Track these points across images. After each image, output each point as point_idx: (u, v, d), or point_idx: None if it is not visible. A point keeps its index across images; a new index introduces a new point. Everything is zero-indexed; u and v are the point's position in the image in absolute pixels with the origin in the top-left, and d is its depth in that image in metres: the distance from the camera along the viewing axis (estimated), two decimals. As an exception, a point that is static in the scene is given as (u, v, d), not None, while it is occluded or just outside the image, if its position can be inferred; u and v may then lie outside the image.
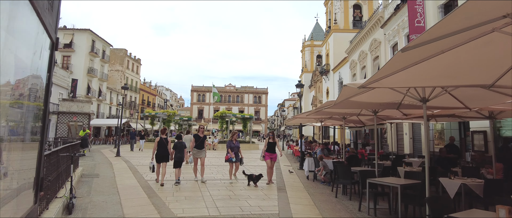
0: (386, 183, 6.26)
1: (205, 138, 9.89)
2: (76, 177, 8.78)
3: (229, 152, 9.70)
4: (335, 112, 8.99)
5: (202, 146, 9.75)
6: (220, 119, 31.42)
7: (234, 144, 9.84)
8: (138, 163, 14.37)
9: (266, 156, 9.77)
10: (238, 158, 9.87)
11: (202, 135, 9.85)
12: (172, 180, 9.47)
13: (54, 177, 5.70)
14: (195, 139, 9.73)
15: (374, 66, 21.74)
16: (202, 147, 9.76)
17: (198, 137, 9.75)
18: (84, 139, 18.42)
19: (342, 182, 8.40)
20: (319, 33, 57.61)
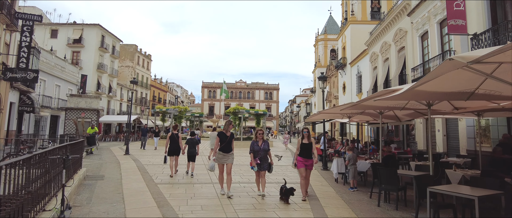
0: (457, 193, 4.93)
1: (233, 137, 7.54)
2: (77, 181, 7.69)
3: (252, 158, 7.09)
4: (377, 106, 7.67)
5: (229, 148, 7.33)
6: (232, 115, 30.23)
7: (260, 147, 7.08)
8: (148, 163, 13.30)
9: (299, 162, 7.22)
10: (265, 165, 7.11)
11: (229, 133, 7.46)
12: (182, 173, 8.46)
13: (41, 184, 4.57)
14: (220, 138, 7.33)
15: (399, 58, 20.21)
16: (229, 149, 7.34)
17: (224, 136, 7.36)
18: (92, 136, 17.46)
19: (385, 189, 7.09)
20: (333, 27, 55.89)
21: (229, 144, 7.37)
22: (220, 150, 7.32)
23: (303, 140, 7.40)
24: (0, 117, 19.02)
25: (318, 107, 52.33)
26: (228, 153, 7.31)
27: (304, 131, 7.55)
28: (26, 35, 18.23)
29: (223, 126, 7.68)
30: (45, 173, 4.67)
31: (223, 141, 7.32)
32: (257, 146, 7.13)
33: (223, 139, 7.34)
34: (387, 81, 21.99)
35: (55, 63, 27.68)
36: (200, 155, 16.51)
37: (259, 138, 7.21)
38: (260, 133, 7.23)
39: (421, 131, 16.97)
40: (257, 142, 7.19)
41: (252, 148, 7.17)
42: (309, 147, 7.30)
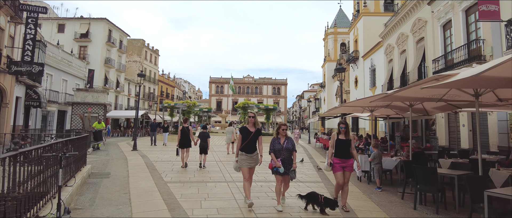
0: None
1: (259, 133, 5.97)
2: (80, 179, 7.06)
3: (274, 158, 5.66)
4: (410, 97, 6.86)
5: (253, 147, 5.87)
6: (241, 110, 29.53)
7: (283, 145, 5.71)
8: (157, 159, 12.67)
9: (336, 165, 5.87)
10: (289, 168, 5.70)
11: (254, 129, 5.95)
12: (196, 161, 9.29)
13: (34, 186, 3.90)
14: (242, 136, 5.89)
15: (417, 49, 19.24)
16: (253, 149, 5.87)
17: (247, 131, 5.90)
18: (99, 132, 16.91)
19: (422, 189, 6.31)
20: (343, 20, 54.72)
21: (252, 142, 5.83)
22: (242, 149, 5.83)
23: (339, 135, 6.05)
24: (5, 112, 18.60)
25: (328, 102, 51.36)
26: (252, 154, 5.83)
27: (341, 126, 6.11)
28: (30, 28, 17.70)
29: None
30: (39, 173, 4.02)
31: (246, 139, 5.81)
32: (278, 144, 5.72)
33: (246, 135, 5.83)
34: (404, 74, 21.04)
35: (62, 57, 27.23)
36: (210, 150, 15.89)
37: (281, 135, 5.80)
38: (283, 129, 5.79)
39: (443, 126, 16.07)
40: (278, 140, 5.77)
41: (273, 147, 5.74)
42: (347, 144, 5.93)
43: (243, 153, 5.82)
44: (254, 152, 5.89)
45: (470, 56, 13.26)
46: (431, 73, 16.70)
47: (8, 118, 18.87)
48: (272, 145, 5.81)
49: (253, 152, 5.88)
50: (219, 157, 13.71)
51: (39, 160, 3.99)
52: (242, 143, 5.86)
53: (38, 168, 3.98)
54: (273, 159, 5.68)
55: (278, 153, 5.69)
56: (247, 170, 5.81)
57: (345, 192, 5.99)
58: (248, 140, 5.80)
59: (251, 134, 5.86)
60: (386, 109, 11.18)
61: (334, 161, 5.94)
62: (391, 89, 22.74)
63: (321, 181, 8.90)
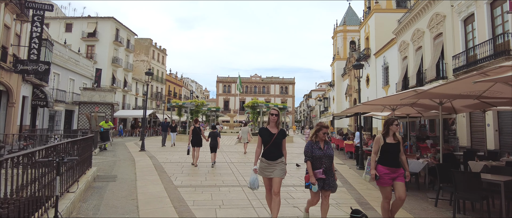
0: None
1: (284, 135, 4.77)
2: (84, 184, 6.53)
3: (310, 171, 4.50)
4: (445, 94, 6.19)
5: (278, 153, 4.66)
6: (250, 109, 28.94)
7: (324, 151, 4.56)
8: (165, 160, 12.14)
9: (384, 176, 4.67)
10: (332, 180, 4.58)
11: (276, 130, 4.71)
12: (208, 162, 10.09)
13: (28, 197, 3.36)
14: (262, 139, 4.70)
15: (435, 45, 18.44)
16: (277, 155, 4.65)
17: (268, 133, 4.67)
18: (106, 132, 16.47)
19: (462, 197, 5.65)
20: (352, 17, 53.82)
21: (276, 147, 4.62)
22: (263, 155, 4.69)
23: (386, 137, 4.80)
24: (12, 112, 18.29)
25: (338, 101, 50.54)
26: (275, 161, 4.59)
27: (394, 123, 4.76)
28: (37, 25, 17.33)
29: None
30: (34, 181, 3.49)
31: (267, 142, 4.63)
32: (318, 150, 4.53)
33: (267, 138, 4.63)
34: (420, 72, 20.25)
35: (69, 57, 26.95)
36: (221, 152, 15.35)
37: (320, 139, 4.61)
38: (324, 131, 4.60)
39: (464, 125, 15.28)
40: (317, 144, 4.59)
41: (311, 153, 4.53)
42: (397, 149, 4.73)
43: (264, 160, 4.66)
44: (278, 159, 4.62)
45: (496, 51, 12.49)
46: (451, 70, 15.92)
47: (14, 117, 18.57)
48: (309, 151, 4.56)
49: (277, 159, 4.61)
50: (230, 158, 13.15)
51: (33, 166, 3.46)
52: (264, 148, 4.72)
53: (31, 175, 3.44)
54: (310, 171, 4.50)
55: (318, 162, 4.52)
56: (267, 181, 4.70)
57: (396, 206, 4.73)
58: (270, 144, 4.62)
59: (273, 136, 4.61)
60: (407, 107, 10.52)
61: (381, 171, 4.69)
62: (406, 87, 21.95)
63: (342, 184, 8.26)
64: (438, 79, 17.15)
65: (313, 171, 4.53)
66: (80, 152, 6.81)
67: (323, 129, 4.64)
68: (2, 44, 16.42)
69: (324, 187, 4.54)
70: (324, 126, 4.68)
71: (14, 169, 3.14)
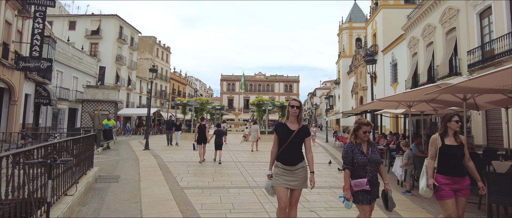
0: None
1: (307, 133, 3.82)
2: (84, 186, 6.10)
3: (347, 181, 3.55)
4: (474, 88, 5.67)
5: (298, 156, 3.73)
6: (256, 107, 28.47)
7: (369, 156, 3.55)
8: (170, 159, 11.72)
9: (445, 187, 3.70)
10: (376, 191, 3.61)
11: (297, 126, 3.79)
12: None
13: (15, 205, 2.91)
14: (279, 137, 3.79)
15: (447, 41, 17.84)
16: (297, 159, 3.70)
17: (286, 130, 3.76)
18: (109, 130, 16.09)
19: (498, 201, 5.15)
20: (358, 14, 53.13)
21: (295, 148, 3.69)
22: (279, 159, 3.69)
23: (444, 139, 3.82)
24: (14, 110, 17.97)
25: (343, 99, 49.95)
26: (294, 167, 3.63)
27: (453, 120, 3.81)
28: (38, 22, 16.98)
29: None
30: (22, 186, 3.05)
31: (284, 141, 3.69)
32: (360, 154, 3.53)
33: (284, 136, 3.71)
34: (431, 68, 19.66)
35: (72, 54, 26.63)
36: (227, 151, 14.94)
37: (362, 140, 3.59)
38: (365, 130, 3.52)
39: (479, 123, 14.71)
40: (359, 147, 3.57)
41: (351, 159, 3.53)
42: (459, 154, 3.76)
43: (280, 165, 3.65)
44: (299, 164, 3.65)
45: (516, 45, 11.91)
46: (466, 65, 15.35)
47: (17, 116, 18.25)
48: (348, 156, 3.54)
49: (297, 164, 3.64)
50: (237, 157, 12.70)
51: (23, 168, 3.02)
52: (278, 149, 3.74)
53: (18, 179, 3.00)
54: (346, 183, 3.52)
55: (361, 170, 3.51)
56: (283, 192, 3.57)
57: None
58: (287, 144, 3.65)
59: (292, 134, 3.67)
60: (423, 104, 9.99)
61: (441, 181, 3.70)
62: (416, 84, 21.37)
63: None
64: (451, 76, 16.58)
65: (353, 181, 3.50)
66: (80, 151, 6.39)
67: (363, 127, 3.53)
68: (3, 41, 16.08)
69: (371, 201, 3.53)
70: (363, 123, 3.55)
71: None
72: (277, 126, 3.90)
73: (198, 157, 11.51)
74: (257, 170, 9.56)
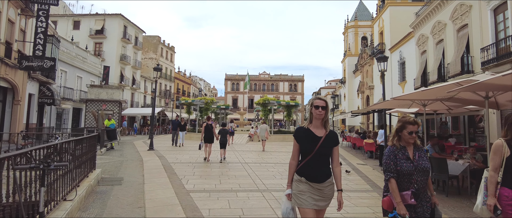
0: None
1: (335, 140, 3.04)
2: (85, 189, 5.79)
3: (396, 194, 2.84)
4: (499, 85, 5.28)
5: (326, 170, 2.96)
6: (261, 106, 28.12)
7: (416, 162, 2.92)
8: (175, 160, 11.40)
9: (508, 208, 2.91)
10: (425, 208, 2.91)
11: (323, 131, 3.00)
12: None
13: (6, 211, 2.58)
14: (301, 145, 2.98)
15: (459, 38, 17.34)
16: (325, 173, 2.94)
17: (311, 136, 2.97)
18: (113, 130, 15.83)
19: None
20: (363, 13, 52.62)
21: (323, 159, 2.96)
22: (300, 173, 2.95)
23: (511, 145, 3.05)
24: (17, 109, 17.77)
25: (349, 99, 49.44)
26: (322, 184, 2.89)
27: None
28: (41, 20, 16.75)
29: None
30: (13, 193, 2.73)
31: (309, 151, 2.93)
32: (405, 160, 2.92)
33: (308, 145, 2.95)
34: (441, 66, 19.18)
35: (76, 54, 26.45)
36: (233, 151, 14.63)
37: (407, 142, 2.98)
38: (412, 130, 2.93)
39: (494, 122, 14.23)
40: (403, 151, 2.96)
41: (394, 167, 2.91)
42: None
43: (304, 181, 2.90)
44: (326, 180, 2.91)
45: (533, 41, 11.44)
46: (479, 63, 14.88)
47: (20, 116, 18.05)
48: (391, 163, 2.90)
49: (324, 180, 2.90)
50: (243, 158, 12.36)
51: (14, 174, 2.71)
52: (301, 160, 2.99)
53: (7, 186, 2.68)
54: (396, 196, 2.83)
55: (406, 180, 2.88)
56: (312, 216, 2.86)
57: None
58: (313, 155, 2.90)
59: (318, 142, 2.90)
60: (438, 103, 9.61)
61: (505, 200, 2.93)
62: (425, 83, 20.88)
63: (372, 189, 7.40)
64: (463, 74, 16.11)
65: (397, 194, 2.83)
66: (82, 153, 6.09)
67: (409, 127, 2.90)
68: (6, 40, 15.87)
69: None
70: (409, 122, 2.91)
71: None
72: (298, 131, 3.05)
73: (203, 156, 11.71)
74: (265, 172, 9.21)
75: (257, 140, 23.05)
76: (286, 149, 17.10)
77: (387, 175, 2.94)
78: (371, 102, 38.07)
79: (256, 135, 23.50)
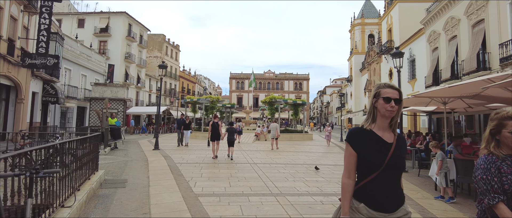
0: None
1: (405, 146, 2.19)
2: (86, 194, 5.36)
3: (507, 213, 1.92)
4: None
5: (399, 194, 2.05)
6: (268, 105, 27.63)
7: None
8: (181, 160, 10.97)
9: None
10: None
11: (392, 136, 2.09)
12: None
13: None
14: (361, 155, 2.03)
15: (474, 34, 16.73)
16: (399, 199, 2.03)
17: (379, 143, 2.04)
18: (117, 129, 15.44)
19: None
20: (370, 10, 51.89)
21: (395, 175, 2.05)
22: (360, 197, 2.04)
23: None
24: (21, 108, 17.47)
25: (356, 97, 48.79)
26: (395, 214, 1.99)
27: None
28: (45, 17, 16.39)
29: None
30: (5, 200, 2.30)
31: (376, 165, 2.00)
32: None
33: (376, 156, 2.01)
34: (454, 63, 18.57)
35: (81, 52, 26.16)
36: (241, 151, 14.18)
37: (509, 145, 2.05)
38: None
39: None
40: (507, 162, 2.03)
41: (500, 186, 1.98)
42: None
43: (365, 210, 2.00)
44: (400, 209, 2.02)
45: (558, 36, 10.83)
46: (497, 60, 14.28)
47: (24, 114, 17.75)
48: (493, 179, 2.00)
49: (398, 208, 2.01)
50: (251, 158, 11.90)
51: None
52: (362, 178, 2.06)
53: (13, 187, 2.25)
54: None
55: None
56: None
57: None
58: (383, 170, 1.99)
59: (389, 149, 2.04)
60: (458, 101, 9.06)
61: None
62: (437, 81, 20.28)
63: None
64: (479, 71, 15.51)
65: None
66: (82, 154, 5.66)
67: (510, 123, 2.06)
68: (8, 37, 15.55)
69: None
70: (509, 117, 2.07)
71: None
72: (356, 134, 2.09)
73: (211, 155, 11.99)
74: (276, 174, 8.74)
75: (263, 139, 22.58)
76: (294, 148, 16.62)
77: (491, 198, 1.97)
78: (378, 100, 37.43)
79: (262, 134, 23.03)
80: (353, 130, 2.15)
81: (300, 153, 14.62)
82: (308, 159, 12.31)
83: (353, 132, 2.13)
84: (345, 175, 2.08)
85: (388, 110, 2.04)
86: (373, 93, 2.15)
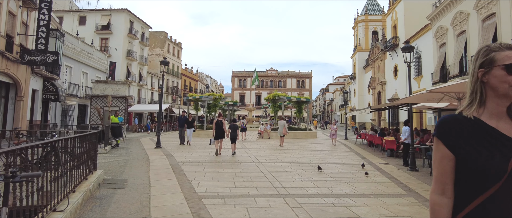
0: None
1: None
2: (82, 196, 5.01)
3: None
4: None
5: None
6: (271, 102, 27.25)
7: None
8: (184, 159, 10.62)
9: None
10: None
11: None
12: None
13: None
14: (459, 155, 1.29)
15: (484, 28, 16.25)
16: None
17: (496, 141, 1.25)
18: (118, 127, 15.11)
19: None
20: (374, 7, 51.33)
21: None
22: None
23: None
24: (20, 106, 17.17)
25: (359, 95, 48.30)
26: None
27: None
28: (44, 13, 16.07)
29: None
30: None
31: (490, 173, 1.22)
32: None
33: (487, 160, 1.23)
34: (463, 59, 18.10)
35: (82, 49, 25.82)
36: (245, 149, 13.83)
37: None
38: None
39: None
40: None
41: None
42: None
43: None
44: None
45: None
46: (508, 55, 13.80)
47: (24, 112, 17.46)
48: None
49: None
50: (256, 157, 11.53)
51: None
52: (469, 194, 1.28)
53: None
54: None
55: None
56: None
57: None
58: (505, 181, 1.20)
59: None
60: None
61: None
62: (444, 78, 19.83)
63: (407, 193, 6.52)
64: (489, 66, 15.05)
65: None
66: (78, 153, 5.31)
67: None
68: (7, 33, 15.22)
69: None
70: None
71: None
72: (452, 126, 1.34)
73: (214, 152, 11.93)
74: (283, 173, 8.38)
75: (266, 137, 22.23)
76: (298, 147, 16.25)
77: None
78: (383, 98, 36.95)
79: (266, 132, 22.68)
80: (446, 119, 1.37)
81: (305, 151, 14.25)
82: (314, 157, 11.93)
83: (447, 122, 1.36)
84: (437, 190, 1.37)
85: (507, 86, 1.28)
86: (478, 61, 1.37)
